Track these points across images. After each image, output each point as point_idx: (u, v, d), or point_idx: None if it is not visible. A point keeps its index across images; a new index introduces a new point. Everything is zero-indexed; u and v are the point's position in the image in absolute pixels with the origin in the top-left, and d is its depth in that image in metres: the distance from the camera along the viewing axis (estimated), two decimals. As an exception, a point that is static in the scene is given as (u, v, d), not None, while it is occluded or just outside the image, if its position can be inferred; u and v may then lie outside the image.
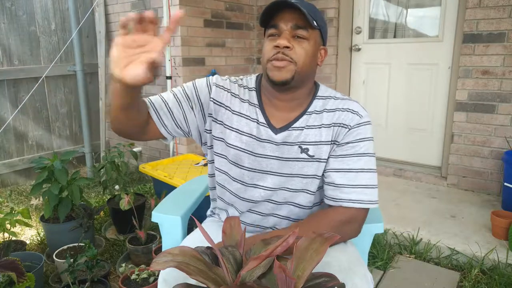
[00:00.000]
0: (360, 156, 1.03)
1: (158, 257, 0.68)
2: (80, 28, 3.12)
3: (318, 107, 1.07)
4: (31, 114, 3.27)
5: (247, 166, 1.08)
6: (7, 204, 2.74)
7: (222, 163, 1.12)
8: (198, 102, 1.09)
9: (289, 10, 0.99)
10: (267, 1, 3.53)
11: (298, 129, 1.06)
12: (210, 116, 1.10)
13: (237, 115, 1.09)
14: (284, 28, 0.99)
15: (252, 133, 1.07)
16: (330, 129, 1.05)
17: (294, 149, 1.05)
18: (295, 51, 0.99)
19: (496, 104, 2.62)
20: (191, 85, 1.11)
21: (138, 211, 2.16)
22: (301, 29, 0.99)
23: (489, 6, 2.53)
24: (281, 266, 0.61)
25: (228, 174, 1.11)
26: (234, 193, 1.12)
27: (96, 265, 1.60)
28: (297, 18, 0.98)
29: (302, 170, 1.06)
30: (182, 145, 3.20)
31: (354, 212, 1.01)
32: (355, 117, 1.04)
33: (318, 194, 1.10)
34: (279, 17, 1.00)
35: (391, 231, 2.20)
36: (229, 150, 1.09)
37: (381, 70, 3.21)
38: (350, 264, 0.97)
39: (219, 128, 1.10)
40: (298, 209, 1.10)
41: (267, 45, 1.02)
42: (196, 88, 1.10)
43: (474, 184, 2.78)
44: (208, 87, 1.11)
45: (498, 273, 1.84)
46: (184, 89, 1.10)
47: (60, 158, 2.01)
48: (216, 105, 1.10)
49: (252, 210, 1.12)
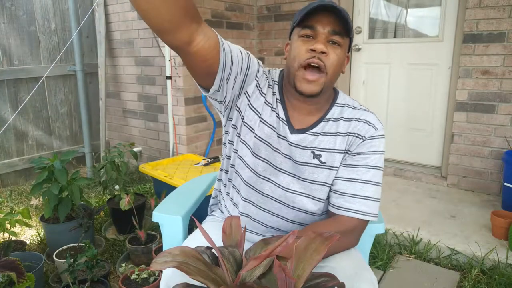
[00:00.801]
0: (369, 168, 1.03)
1: (158, 257, 0.68)
2: (80, 28, 3.12)
3: (336, 114, 1.07)
4: (31, 114, 3.27)
5: (263, 157, 1.07)
6: (7, 204, 2.74)
7: (241, 147, 1.10)
8: (246, 72, 1.03)
9: (328, 13, 0.96)
10: (268, 1, 3.54)
11: (314, 135, 1.05)
12: (245, 94, 1.07)
13: (267, 105, 1.07)
14: (321, 31, 0.96)
15: (274, 126, 1.06)
16: (345, 138, 1.05)
17: (307, 154, 1.05)
18: (329, 58, 0.97)
19: (496, 104, 2.62)
20: (245, 51, 1.03)
21: (138, 211, 2.16)
22: (338, 35, 0.97)
23: (489, 6, 2.53)
24: (281, 266, 0.61)
25: (243, 159, 1.10)
26: (245, 181, 1.10)
27: (96, 265, 1.60)
28: (334, 22, 0.96)
29: (312, 176, 1.05)
30: (182, 145, 3.20)
31: (355, 222, 1.01)
32: (370, 129, 1.04)
33: (327, 202, 1.09)
34: (316, 18, 0.96)
35: (391, 231, 2.20)
36: (251, 138, 1.08)
37: (381, 70, 3.21)
38: (355, 269, 0.96)
39: (251, 115, 1.07)
40: (305, 214, 1.09)
41: (300, 46, 0.98)
42: (250, 58, 1.04)
43: (474, 184, 2.78)
44: (259, 65, 1.08)
45: (498, 273, 1.84)
46: (241, 51, 1.01)
47: (60, 158, 2.01)
48: (256, 87, 1.07)
49: (257, 205, 1.11)
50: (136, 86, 3.49)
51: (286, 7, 3.44)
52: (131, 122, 3.65)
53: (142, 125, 3.55)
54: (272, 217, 1.10)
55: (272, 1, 3.51)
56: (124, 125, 3.73)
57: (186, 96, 3.11)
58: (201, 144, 3.33)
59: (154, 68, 3.29)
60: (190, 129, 3.20)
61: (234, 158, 1.13)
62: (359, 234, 1.05)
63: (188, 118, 3.16)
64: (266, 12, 3.59)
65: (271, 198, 1.09)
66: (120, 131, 3.79)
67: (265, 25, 3.62)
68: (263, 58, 3.69)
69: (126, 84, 3.57)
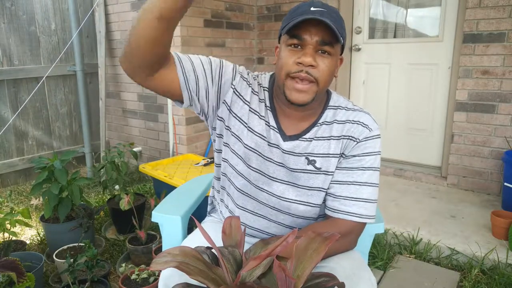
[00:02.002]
0: (364, 169, 1.01)
1: (158, 257, 0.68)
2: (80, 28, 3.12)
3: (329, 117, 1.04)
4: (31, 114, 3.27)
5: (254, 167, 1.05)
6: (7, 204, 2.73)
7: (231, 156, 1.08)
8: (218, 82, 1.01)
9: (316, 22, 0.90)
10: (268, 1, 3.53)
11: (307, 140, 1.03)
12: (224, 104, 1.04)
13: (253, 113, 1.04)
14: (309, 41, 0.91)
15: (263, 135, 1.04)
16: (339, 142, 1.02)
17: (301, 160, 1.03)
18: (318, 69, 0.92)
19: (496, 104, 2.62)
20: (218, 61, 1.02)
21: (138, 211, 2.16)
22: (327, 45, 0.92)
23: (489, 6, 2.53)
24: (280, 266, 0.61)
25: (235, 168, 1.08)
26: (239, 189, 1.09)
27: (96, 265, 1.60)
28: (324, 32, 0.90)
29: (308, 182, 1.04)
30: (182, 145, 3.20)
31: (352, 225, 1.00)
32: (364, 130, 1.02)
33: (323, 206, 1.07)
34: (304, 28, 0.91)
35: (391, 231, 2.20)
36: (240, 147, 1.05)
37: (381, 70, 3.21)
38: (354, 269, 0.96)
39: (237, 124, 1.05)
40: (302, 219, 1.08)
41: (287, 56, 0.94)
42: (222, 67, 1.01)
43: (474, 184, 2.78)
44: (234, 72, 1.04)
45: (498, 273, 1.84)
46: (211, 61, 1.00)
47: (60, 158, 2.01)
48: (235, 95, 1.04)
49: (254, 212, 1.10)
50: (136, 86, 3.48)
51: (286, 7, 3.44)
52: (131, 122, 3.65)
53: (142, 125, 3.55)
54: (269, 223, 1.09)
55: (272, 1, 3.51)
56: (124, 125, 3.73)
57: (186, 96, 3.10)
58: (201, 144, 3.33)
59: (154, 68, 3.28)
60: (190, 129, 3.20)
61: (225, 167, 1.11)
62: (356, 237, 1.04)
63: (188, 118, 3.16)
64: (266, 12, 3.59)
65: (267, 206, 1.08)
66: (120, 131, 3.79)
67: (265, 25, 3.62)
68: (263, 58, 3.69)
69: (126, 84, 3.57)
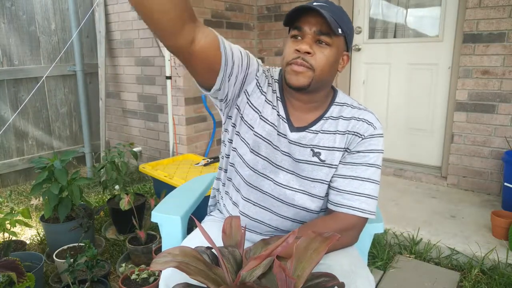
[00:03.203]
0: (368, 166, 1.04)
1: (158, 257, 0.68)
2: (80, 28, 3.12)
3: (335, 113, 1.08)
4: (31, 114, 3.27)
5: (263, 155, 1.08)
6: (7, 204, 2.73)
7: (240, 145, 1.11)
8: (246, 71, 1.04)
9: (315, 14, 0.96)
10: (268, 1, 3.53)
11: (313, 132, 1.06)
12: (245, 93, 1.08)
13: (268, 103, 1.08)
14: (307, 31, 0.97)
15: (274, 124, 1.07)
16: (344, 136, 1.06)
17: (306, 152, 1.06)
18: (315, 58, 0.97)
19: (496, 104, 2.62)
20: (246, 52, 1.04)
21: (138, 211, 2.16)
22: (325, 35, 0.97)
23: (489, 6, 2.53)
24: (281, 266, 0.61)
25: (243, 157, 1.10)
26: (245, 179, 1.11)
27: (96, 265, 1.60)
28: (322, 23, 0.96)
29: (312, 174, 1.06)
30: (182, 145, 3.20)
31: (354, 220, 1.02)
32: (369, 128, 1.05)
33: (326, 200, 1.10)
34: (304, 19, 0.97)
35: (391, 231, 2.20)
36: (251, 136, 1.08)
37: (381, 70, 3.21)
38: (352, 266, 0.97)
39: (251, 113, 1.08)
40: (305, 212, 1.10)
41: (289, 46, 1.00)
42: (250, 58, 1.05)
43: (474, 184, 2.78)
44: (258, 64, 1.09)
45: (498, 273, 1.84)
46: (241, 50, 1.02)
47: (60, 158, 2.01)
48: (256, 86, 1.08)
49: (257, 203, 1.11)
50: (136, 86, 3.49)
51: (286, 7, 3.44)
52: (131, 122, 3.65)
53: (142, 125, 3.55)
54: (271, 215, 1.10)
55: (272, 1, 3.51)
56: (124, 125, 3.73)
57: (186, 96, 3.11)
58: (201, 144, 3.33)
59: (154, 68, 3.29)
60: (190, 129, 3.20)
61: (233, 157, 1.13)
62: (358, 232, 1.05)
63: (188, 118, 3.16)
64: (266, 12, 3.59)
65: (271, 196, 1.09)
66: (120, 131, 3.79)
67: (265, 25, 3.62)
68: (263, 58, 3.69)
69: (126, 84, 3.57)
